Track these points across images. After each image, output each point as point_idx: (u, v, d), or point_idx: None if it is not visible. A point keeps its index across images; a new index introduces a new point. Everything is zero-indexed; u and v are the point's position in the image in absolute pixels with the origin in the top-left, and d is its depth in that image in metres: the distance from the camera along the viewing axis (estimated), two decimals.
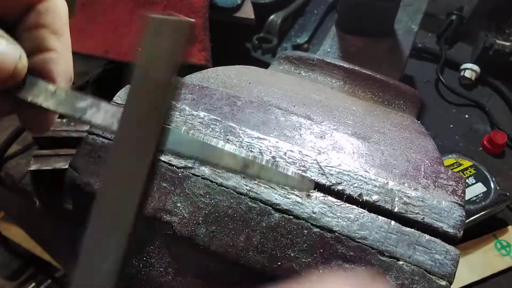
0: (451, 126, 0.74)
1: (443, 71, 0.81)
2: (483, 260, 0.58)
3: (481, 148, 0.71)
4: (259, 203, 0.27)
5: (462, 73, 0.79)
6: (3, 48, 0.21)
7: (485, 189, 0.59)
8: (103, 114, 0.24)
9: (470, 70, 0.78)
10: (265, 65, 0.82)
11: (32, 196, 0.61)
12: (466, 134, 0.73)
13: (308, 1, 0.91)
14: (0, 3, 0.24)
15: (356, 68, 0.48)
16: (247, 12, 0.77)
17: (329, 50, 0.58)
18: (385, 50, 0.59)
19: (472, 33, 0.86)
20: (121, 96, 0.31)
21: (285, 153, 0.28)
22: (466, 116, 0.76)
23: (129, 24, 0.72)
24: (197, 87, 0.34)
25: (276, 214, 0.26)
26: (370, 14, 0.56)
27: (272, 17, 0.83)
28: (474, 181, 0.60)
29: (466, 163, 0.62)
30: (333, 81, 0.48)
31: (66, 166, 0.61)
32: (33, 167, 0.60)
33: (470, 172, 0.61)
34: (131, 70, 0.23)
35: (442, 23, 0.86)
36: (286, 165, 0.28)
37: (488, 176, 0.60)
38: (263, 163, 0.25)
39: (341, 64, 0.49)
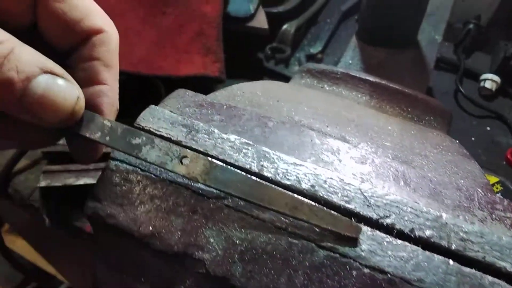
0: (473, 139, 0.72)
1: (462, 82, 0.78)
2: None
3: (504, 162, 0.68)
4: (300, 238, 0.24)
5: (482, 84, 0.76)
6: (63, 90, 0.21)
7: None
8: (158, 151, 0.24)
9: (490, 80, 0.76)
10: (278, 75, 0.80)
11: (41, 213, 0.59)
12: (488, 148, 0.71)
13: (321, 10, 0.89)
14: (60, 35, 0.24)
15: (383, 82, 0.46)
16: (261, 21, 0.75)
17: (350, 62, 0.56)
18: (408, 62, 0.56)
19: (490, 42, 0.84)
20: (145, 117, 0.29)
21: (325, 181, 0.26)
22: (488, 128, 0.73)
23: (140, 33, 0.70)
24: (225, 106, 0.31)
25: (320, 252, 0.24)
26: (394, 24, 0.54)
27: (285, 26, 0.81)
28: None
29: (492, 179, 0.60)
30: (359, 95, 0.46)
31: (77, 182, 0.59)
32: (42, 184, 0.57)
33: (497, 188, 0.59)
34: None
35: (459, 32, 0.84)
36: (327, 195, 0.25)
37: None
38: (312, 204, 0.23)
39: (366, 77, 0.46)
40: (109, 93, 0.25)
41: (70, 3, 0.23)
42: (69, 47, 0.25)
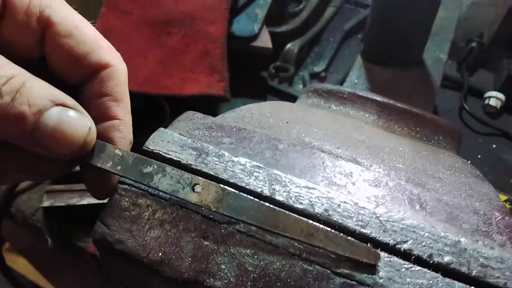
0: (479, 156, 0.71)
1: (466, 99, 0.79)
2: None
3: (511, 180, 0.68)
4: (315, 265, 0.23)
5: (486, 101, 0.77)
6: (75, 122, 0.21)
7: None
8: (169, 180, 0.24)
9: (494, 98, 0.76)
10: (282, 93, 0.80)
11: (44, 233, 0.58)
12: (495, 165, 0.70)
13: (323, 29, 0.90)
14: (68, 69, 0.24)
15: (391, 102, 0.45)
16: (265, 41, 0.76)
17: (356, 81, 0.56)
18: (414, 81, 0.56)
19: (492, 59, 0.85)
20: (154, 140, 0.29)
21: (339, 205, 0.26)
22: (494, 146, 0.73)
23: (145, 54, 0.70)
24: (234, 129, 0.31)
25: (336, 279, 0.23)
26: (399, 44, 0.54)
27: (288, 45, 0.82)
28: None
29: (501, 197, 0.59)
30: (366, 115, 0.46)
31: (80, 202, 0.58)
32: (45, 204, 0.57)
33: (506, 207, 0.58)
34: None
35: (462, 50, 0.84)
36: (342, 219, 0.25)
37: None
38: (328, 230, 0.23)
39: (374, 97, 0.46)
40: (121, 127, 0.25)
41: (77, 38, 0.23)
42: (77, 81, 0.25)
